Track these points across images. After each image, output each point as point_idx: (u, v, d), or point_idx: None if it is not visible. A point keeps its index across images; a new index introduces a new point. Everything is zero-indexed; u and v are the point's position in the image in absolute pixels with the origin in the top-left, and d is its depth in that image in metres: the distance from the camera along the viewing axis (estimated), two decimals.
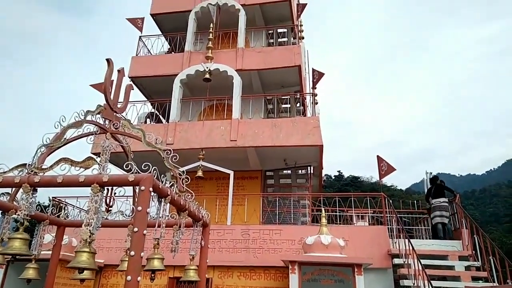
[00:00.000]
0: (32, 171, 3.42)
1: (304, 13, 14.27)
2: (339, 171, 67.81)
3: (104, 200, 4.21)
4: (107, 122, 4.31)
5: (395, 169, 9.51)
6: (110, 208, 5.17)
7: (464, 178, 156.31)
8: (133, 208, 3.77)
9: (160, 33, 14.34)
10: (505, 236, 43.43)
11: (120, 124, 4.29)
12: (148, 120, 13.14)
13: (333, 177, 66.86)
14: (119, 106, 4.67)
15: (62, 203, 10.80)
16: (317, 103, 15.10)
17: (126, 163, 3.47)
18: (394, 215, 9.30)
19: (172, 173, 4.28)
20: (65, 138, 4.00)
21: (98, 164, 3.46)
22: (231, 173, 10.47)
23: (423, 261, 7.64)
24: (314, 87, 14.26)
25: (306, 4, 13.77)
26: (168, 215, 4.72)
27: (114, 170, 3.81)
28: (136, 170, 3.30)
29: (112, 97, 4.51)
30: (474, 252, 8.60)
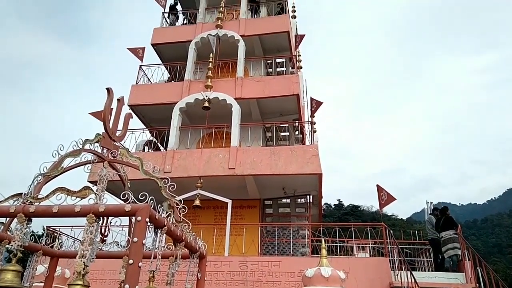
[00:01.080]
0: (27, 200, 3.36)
1: (302, 43, 14.60)
2: (339, 200, 67.30)
3: (99, 230, 4.13)
4: (105, 150, 4.29)
5: (395, 199, 9.42)
6: (105, 238, 5.05)
7: (465, 208, 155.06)
8: (128, 239, 3.68)
9: (161, 62, 14.60)
10: (509, 268, 42.50)
11: (118, 153, 4.26)
12: (146, 148, 13.12)
13: (333, 206, 66.24)
14: (117, 134, 4.67)
15: (57, 233, 10.59)
16: (315, 131, 15.17)
17: (123, 192, 3.42)
18: (396, 246, 9.12)
19: (169, 203, 4.22)
20: (62, 167, 3.97)
21: (95, 193, 3.40)
22: (229, 202, 10.35)
23: None
24: (312, 116, 14.38)
25: (304, 35, 14.12)
26: (164, 246, 4.61)
27: (110, 199, 3.74)
28: (133, 199, 3.25)
29: (111, 125, 4.51)
30: (478, 284, 8.36)
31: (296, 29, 17.10)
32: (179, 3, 16.33)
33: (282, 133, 14.03)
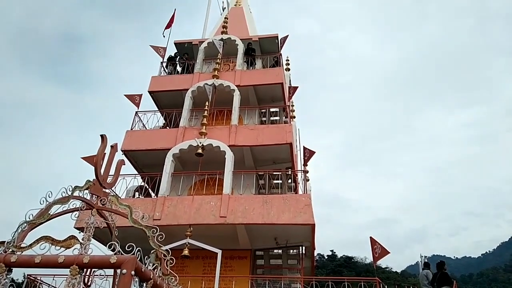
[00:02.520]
0: (9, 249, 3.24)
1: (295, 94, 15.06)
2: (332, 251, 65.76)
3: (82, 280, 3.95)
4: (94, 197, 4.23)
5: (389, 252, 9.23)
6: None
7: (460, 261, 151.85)
8: None
9: (156, 109, 14.83)
10: None
11: (108, 200, 4.20)
12: (137, 193, 12.94)
13: (326, 257, 64.56)
14: (108, 181, 4.64)
15: (37, 281, 10.07)
16: (308, 180, 15.16)
17: (110, 243, 3.33)
18: None
19: (156, 254, 4.09)
20: (49, 214, 3.88)
21: (80, 243, 3.31)
22: (219, 252, 10.02)
23: None
24: (305, 164, 14.44)
25: (297, 87, 14.61)
26: None
27: (96, 248, 3.62)
28: (119, 251, 3.15)
29: (102, 172, 4.48)
30: None
31: (290, 80, 17.70)
32: (177, 52, 16.95)
33: (275, 181, 13.99)
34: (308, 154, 14.31)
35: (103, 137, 4.45)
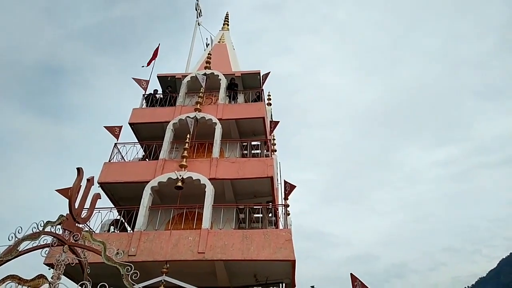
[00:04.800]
0: None
1: (276, 128, 15.26)
2: (312, 287, 64.23)
3: None
4: (67, 233, 4.07)
5: None
6: None
7: None
8: None
9: (136, 141, 14.67)
10: None
11: (81, 236, 4.04)
12: (112, 227, 12.48)
13: None
14: (83, 215, 4.48)
15: None
16: (289, 215, 15.05)
17: (81, 282, 3.17)
18: None
19: None
20: (17, 250, 3.69)
21: (49, 283, 3.13)
22: None
23: None
24: (286, 198, 14.39)
25: (278, 121, 14.84)
26: None
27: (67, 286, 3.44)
28: None
29: (77, 205, 4.35)
30: None
31: (271, 115, 18.00)
32: (160, 85, 17.06)
33: (256, 215, 13.83)
34: (289, 188, 14.29)
35: (79, 170, 4.35)
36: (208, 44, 19.51)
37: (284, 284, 12.06)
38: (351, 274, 9.59)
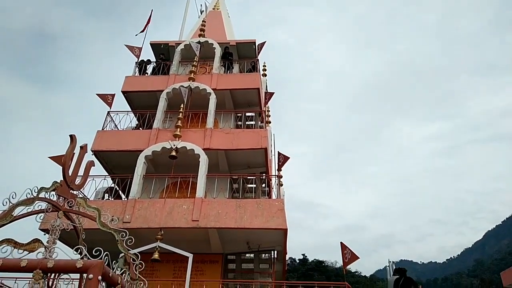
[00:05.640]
0: None
1: (272, 100, 15.17)
2: (303, 255, 66.27)
3: (46, 284, 3.80)
4: (61, 199, 4.10)
5: (359, 258, 9.42)
6: None
7: (426, 266, 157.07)
8: None
9: (130, 109, 14.53)
10: None
11: (75, 203, 4.08)
12: (106, 195, 12.59)
13: (298, 261, 65.03)
14: (77, 182, 4.50)
15: None
16: (282, 185, 15.27)
17: (77, 246, 3.23)
18: None
19: (125, 258, 4.00)
20: (12, 215, 3.72)
21: (45, 247, 3.19)
22: (190, 256, 9.90)
23: None
24: (279, 169, 14.54)
25: (273, 93, 14.72)
26: None
27: (62, 253, 3.50)
28: (86, 255, 3.06)
29: (70, 173, 4.35)
30: None
31: (266, 86, 17.82)
32: (153, 54, 16.72)
33: (249, 185, 14.01)
34: (282, 159, 14.42)
35: (72, 137, 4.33)
36: (203, 11, 18.95)
37: (276, 252, 12.39)
38: (341, 243, 9.90)
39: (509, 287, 8.99)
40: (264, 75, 17.71)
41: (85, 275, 2.96)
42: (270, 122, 17.00)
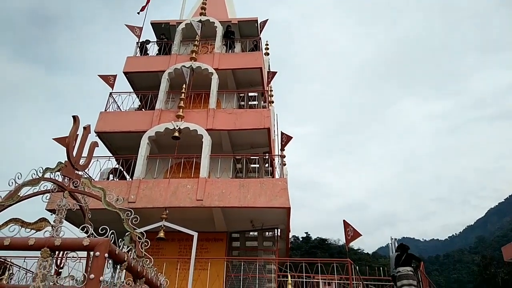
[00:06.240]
0: None
1: (274, 80, 15.04)
2: (306, 233, 67.15)
3: (54, 262, 3.90)
4: (66, 179, 4.14)
5: (361, 235, 9.55)
6: (60, 270, 4.78)
7: (428, 243, 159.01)
8: (84, 275, 3.50)
9: (132, 90, 14.49)
10: None
11: (80, 183, 4.12)
12: (111, 176, 12.72)
13: (301, 239, 65.96)
14: (81, 163, 4.54)
15: (7, 263, 9.86)
16: (285, 165, 15.33)
17: (83, 225, 3.29)
18: (361, 283, 9.14)
19: (131, 236, 4.08)
20: (18, 196, 3.78)
21: (51, 225, 3.25)
22: (195, 234, 10.07)
23: None
24: (282, 149, 14.57)
25: (276, 72, 14.58)
26: (123, 282, 4.40)
27: (69, 230, 3.58)
28: (92, 233, 3.13)
29: (74, 154, 4.38)
30: None
31: (269, 65, 17.64)
32: (154, 34, 16.51)
33: (252, 165, 14.08)
34: (285, 139, 14.44)
35: (75, 118, 4.33)
36: None
37: (279, 230, 12.58)
38: (343, 220, 10.02)
39: (510, 261, 9.13)
40: (267, 54, 17.50)
41: (92, 253, 3.02)
42: (273, 102, 16.90)
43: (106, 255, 2.95)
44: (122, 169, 12.49)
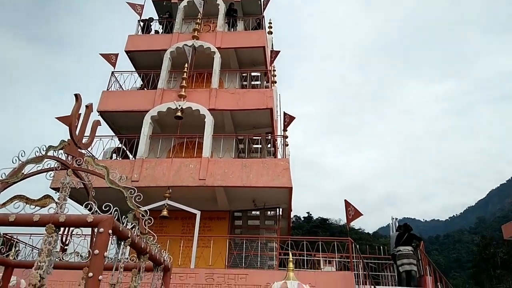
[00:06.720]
0: None
1: (277, 59, 14.83)
2: (308, 213, 67.94)
3: (59, 239, 3.97)
4: (69, 158, 4.16)
5: (362, 214, 9.63)
6: (65, 247, 4.86)
7: (429, 224, 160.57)
8: (89, 251, 3.56)
9: (134, 70, 14.38)
10: (468, 283, 44.18)
11: (83, 161, 4.14)
12: (114, 155, 12.79)
13: (303, 219, 66.78)
14: (84, 141, 4.54)
15: (13, 240, 10.06)
16: (287, 145, 15.33)
17: (86, 202, 3.33)
18: (361, 261, 9.28)
19: (134, 214, 4.12)
20: (22, 173, 3.81)
21: (56, 202, 3.29)
22: (198, 213, 10.22)
23: None
24: (285, 130, 14.55)
25: (279, 51, 14.35)
26: (127, 258, 4.48)
27: (73, 208, 3.62)
28: (96, 210, 3.16)
29: (77, 132, 4.38)
30: None
31: (272, 45, 17.38)
32: (156, 11, 16.25)
33: (255, 146, 14.10)
34: (288, 119, 14.39)
35: (77, 96, 4.31)
36: None
37: (281, 209, 12.71)
38: (345, 200, 10.09)
39: (509, 239, 9.22)
40: (270, 33, 17.21)
41: (96, 229, 3.06)
42: (275, 82, 16.75)
43: (110, 231, 2.99)
44: (125, 149, 12.55)
